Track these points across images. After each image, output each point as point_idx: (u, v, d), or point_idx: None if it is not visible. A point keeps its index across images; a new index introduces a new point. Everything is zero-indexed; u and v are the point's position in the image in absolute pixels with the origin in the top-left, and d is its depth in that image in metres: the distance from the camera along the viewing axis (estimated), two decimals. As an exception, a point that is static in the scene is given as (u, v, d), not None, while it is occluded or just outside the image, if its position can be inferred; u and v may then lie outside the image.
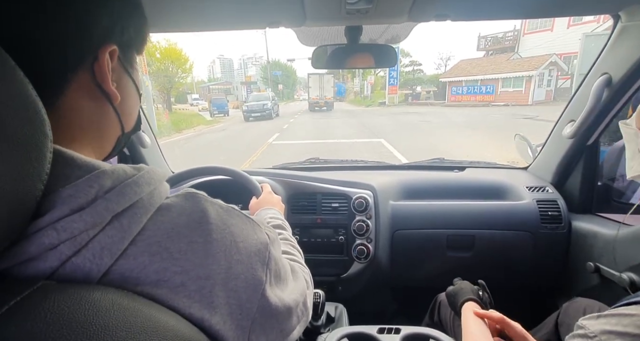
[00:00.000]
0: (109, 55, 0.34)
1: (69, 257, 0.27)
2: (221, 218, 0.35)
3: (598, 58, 1.00)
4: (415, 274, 1.27)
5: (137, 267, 0.29)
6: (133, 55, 0.39)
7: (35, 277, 0.26)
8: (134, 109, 0.41)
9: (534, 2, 0.81)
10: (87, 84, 0.33)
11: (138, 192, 0.30)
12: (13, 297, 0.23)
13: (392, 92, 25.46)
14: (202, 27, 0.91)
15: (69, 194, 0.27)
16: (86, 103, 0.34)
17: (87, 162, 0.30)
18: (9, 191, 0.23)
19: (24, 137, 0.24)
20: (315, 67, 1.02)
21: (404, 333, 0.80)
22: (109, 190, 0.29)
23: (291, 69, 63.91)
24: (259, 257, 0.37)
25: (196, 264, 0.31)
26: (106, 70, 0.33)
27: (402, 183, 1.35)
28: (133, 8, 0.37)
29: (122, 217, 0.29)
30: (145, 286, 0.29)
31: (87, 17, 0.32)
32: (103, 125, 0.36)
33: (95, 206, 0.28)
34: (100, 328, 0.24)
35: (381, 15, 0.82)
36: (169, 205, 0.33)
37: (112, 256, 0.28)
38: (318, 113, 19.79)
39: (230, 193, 0.99)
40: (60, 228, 0.26)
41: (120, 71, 0.37)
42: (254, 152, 7.51)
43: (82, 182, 0.28)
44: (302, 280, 0.49)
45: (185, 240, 0.31)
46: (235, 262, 0.34)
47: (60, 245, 0.26)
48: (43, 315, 0.23)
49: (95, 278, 0.28)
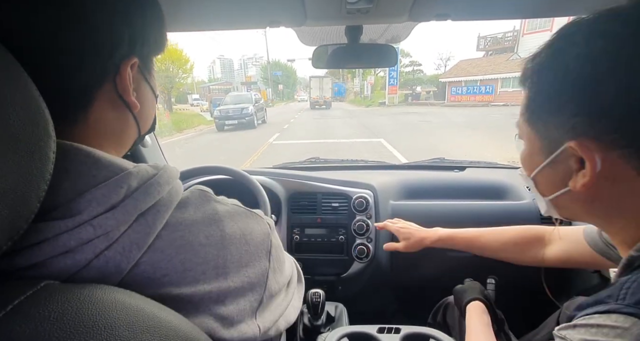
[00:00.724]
0: (130, 67, 0.36)
1: (102, 251, 0.30)
2: (230, 214, 0.39)
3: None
4: (415, 274, 1.27)
5: (165, 259, 0.32)
6: (152, 61, 0.41)
7: (71, 268, 0.29)
8: (151, 113, 0.43)
9: (534, 2, 0.81)
10: (111, 95, 0.36)
11: (160, 191, 0.34)
12: (17, 297, 0.24)
13: (392, 92, 25.50)
14: (202, 27, 0.91)
15: (102, 194, 0.31)
16: (110, 114, 0.36)
17: (112, 162, 0.33)
18: (12, 190, 0.23)
19: (27, 137, 0.24)
20: (315, 67, 1.02)
21: (404, 332, 0.80)
22: (136, 190, 0.32)
23: (291, 69, 63.98)
24: (263, 246, 0.42)
25: (214, 255, 0.35)
26: (127, 82, 0.36)
27: (402, 183, 1.35)
28: (154, 19, 0.39)
29: (147, 214, 0.32)
30: (173, 275, 0.33)
31: (109, 34, 0.34)
32: (124, 131, 0.39)
33: (125, 205, 0.31)
34: (104, 327, 0.24)
35: (382, 14, 0.82)
36: (186, 202, 0.36)
37: (139, 249, 0.31)
38: (318, 113, 19.88)
39: (231, 193, 0.98)
40: (97, 225, 0.29)
41: (140, 79, 0.39)
42: (254, 152, 7.52)
43: (113, 183, 0.31)
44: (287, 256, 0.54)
45: (203, 234, 0.35)
46: (245, 252, 0.38)
47: (95, 239, 0.30)
48: (47, 315, 0.23)
49: (125, 269, 0.31)
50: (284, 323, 0.46)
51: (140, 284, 0.31)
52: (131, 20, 0.35)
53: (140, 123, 0.40)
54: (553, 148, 0.41)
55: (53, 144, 0.27)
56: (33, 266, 0.28)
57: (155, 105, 0.44)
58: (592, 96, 0.36)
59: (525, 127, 0.45)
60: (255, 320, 0.39)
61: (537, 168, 0.45)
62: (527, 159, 0.47)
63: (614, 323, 0.33)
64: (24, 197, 0.25)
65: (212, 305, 0.35)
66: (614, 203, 0.40)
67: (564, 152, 0.39)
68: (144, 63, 0.39)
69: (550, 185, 0.45)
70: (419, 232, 0.97)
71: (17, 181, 0.24)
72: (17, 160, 0.23)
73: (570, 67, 0.36)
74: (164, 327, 0.28)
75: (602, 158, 0.36)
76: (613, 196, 0.39)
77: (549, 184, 0.45)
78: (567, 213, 0.47)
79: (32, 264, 0.28)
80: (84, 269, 0.29)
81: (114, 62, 0.34)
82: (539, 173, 0.45)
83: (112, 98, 0.36)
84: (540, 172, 0.45)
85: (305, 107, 27.97)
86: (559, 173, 0.42)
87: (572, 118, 0.37)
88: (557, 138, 0.40)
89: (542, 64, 0.40)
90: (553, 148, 0.41)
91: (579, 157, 0.38)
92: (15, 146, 0.23)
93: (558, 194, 0.44)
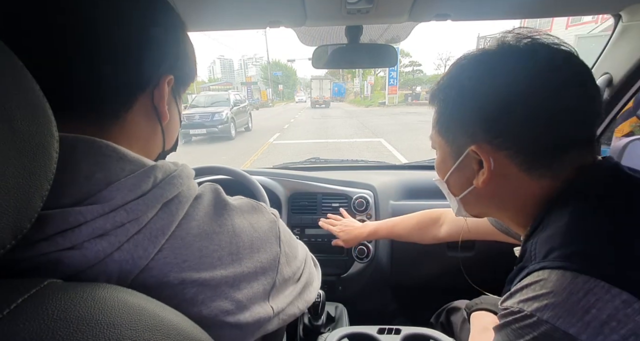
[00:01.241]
0: (167, 83, 0.40)
1: (133, 234, 0.32)
2: (238, 206, 0.43)
3: (599, 58, 1.00)
4: (416, 274, 1.27)
5: (185, 245, 0.35)
6: (182, 88, 0.46)
7: (107, 249, 0.31)
8: (175, 131, 0.48)
9: (534, 2, 0.81)
10: (148, 104, 0.40)
11: (181, 184, 0.37)
12: (20, 295, 0.24)
13: (392, 92, 25.51)
14: (202, 27, 0.91)
15: (132, 183, 0.33)
16: (143, 120, 0.40)
17: (137, 158, 0.36)
18: (15, 188, 0.23)
19: (31, 137, 0.24)
20: (315, 67, 1.02)
21: (404, 333, 0.80)
22: (162, 181, 0.35)
23: (291, 70, 64.04)
24: (272, 232, 0.44)
25: (227, 242, 0.38)
26: (164, 95, 0.40)
27: (402, 183, 1.35)
28: (191, 48, 0.45)
29: (171, 203, 0.35)
30: (192, 261, 0.35)
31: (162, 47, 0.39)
32: (152, 141, 0.43)
33: (153, 193, 0.34)
34: (106, 325, 0.24)
35: (382, 14, 0.82)
36: (201, 196, 0.39)
37: (164, 235, 0.34)
38: (318, 113, 19.96)
39: (231, 193, 0.98)
40: (130, 210, 0.32)
41: (171, 99, 0.44)
42: (255, 152, 7.52)
43: (142, 173, 0.34)
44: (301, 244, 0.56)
45: (217, 223, 0.38)
46: (256, 239, 0.41)
47: (127, 223, 0.32)
48: (50, 313, 0.23)
49: (152, 253, 0.33)
50: (303, 302, 0.49)
51: (163, 269, 0.33)
52: (178, 42, 0.41)
53: (165, 137, 0.44)
54: (459, 153, 0.49)
55: (56, 144, 0.27)
56: (71, 248, 0.30)
57: (179, 128, 0.48)
58: (481, 107, 0.45)
59: (437, 137, 0.53)
60: (268, 302, 0.42)
61: (448, 172, 0.53)
62: (440, 165, 0.56)
63: (536, 278, 0.38)
64: (27, 197, 0.25)
65: (228, 289, 0.37)
66: (507, 196, 0.49)
67: (468, 155, 0.48)
68: (177, 86, 0.43)
69: (459, 186, 0.53)
70: (355, 229, 1.08)
71: (20, 181, 0.24)
72: (21, 160, 0.24)
73: (465, 85, 0.47)
74: (166, 326, 0.28)
75: (494, 158, 0.45)
76: (506, 190, 0.48)
77: (458, 185, 0.53)
78: (474, 210, 0.56)
79: (71, 246, 0.30)
80: (116, 252, 0.31)
81: (159, 73, 0.39)
82: (450, 176, 0.53)
83: (148, 107, 0.40)
84: (451, 175, 0.53)
85: (306, 107, 29.97)
86: (465, 174, 0.50)
87: (471, 126, 0.47)
88: (462, 144, 0.48)
89: (444, 85, 0.50)
90: (459, 153, 0.49)
91: (479, 159, 0.47)
92: (19, 146, 0.23)
93: (466, 193, 0.52)
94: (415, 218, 1.01)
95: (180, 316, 0.31)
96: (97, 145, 0.34)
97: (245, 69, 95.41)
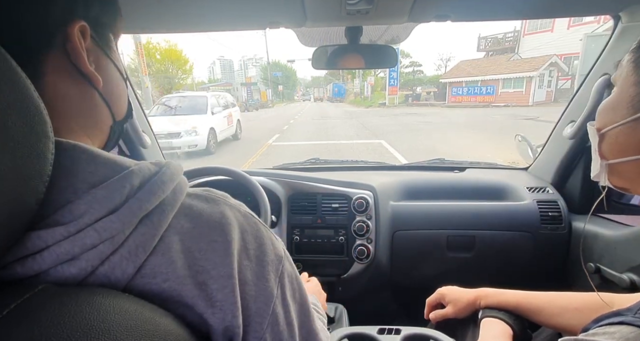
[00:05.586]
0: (80, 33, 0.32)
1: (108, 256, 0.28)
2: (238, 221, 0.35)
3: (598, 59, 1.00)
4: (416, 275, 1.27)
5: (165, 262, 0.30)
6: (108, 35, 0.37)
7: (77, 276, 0.27)
8: (122, 95, 0.39)
9: (534, 3, 0.81)
10: (65, 66, 0.32)
11: (164, 190, 0.31)
12: (14, 300, 0.23)
13: (392, 92, 25.49)
14: (202, 28, 0.92)
15: (104, 196, 0.28)
16: (69, 89, 0.33)
17: (110, 159, 0.30)
18: (9, 192, 0.23)
19: (25, 138, 0.24)
20: (315, 68, 1.02)
21: (404, 333, 0.80)
22: (139, 189, 0.30)
23: (291, 70, 63.96)
24: (272, 267, 0.36)
25: (217, 263, 0.32)
26: (79, 48, 0.32)
27: (402, 184, 1.35)
28: None
29: (152, 214, 0.30)
30: (173, 281, 0.30)
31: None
32: (93, 113, 0.36)
33: (129, 206, 0.28)
34: (101, 331, 0.24)
35: (381, 15, 0.82)
36: (190, 204, 0.33)
37: (145, 252, 0.29)
38: (318, 114, 20.03)
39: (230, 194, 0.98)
40: (100, 229, 0.27)
41: (98, 52, 0.35)
42: (254, 153, 7.51)
43: (114, 182, 0.29)
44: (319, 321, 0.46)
45: (206, 240, 0.32)
46: (244, 267, 0.34)
47: (100, 244, 0.27)
48: (44, 318, 0.23)
49: (131, 274, 0.29)
50: None
51: (145, 286, 0.30)
52: None
53: (110, 105, 0.37)
54: None
55: (51, 145, 0.27)
56: (36, 276, 0.26)
57: (126, 88, 0.40)
58: None
59: (628, 68, 0.37)
60: None
61: (614, 124, 0.37)
62: (607, 110, 0.40)
63: (619, 332, 0.31)
64: (22, 200, 0.24)
65: None
66: None
67: None
68: (98, 33, 0.35)
69: (619, 147, 0.38)
70: (467, 294, 0.79)
71: (14, 184, 0.23)
72: (15, 162, 0.23)
73: None
74: (162, 332, 0.27)
75: None
76: None
77: (619, 146, 0.38)
78: (623, 183, 0.41)
79: (35, 274, 0.26)
80: (89, 276, 0.27)
81: (53, 22, 0.31)
82: (613, 130, 0.37)
83: (67, 70, 0.32)
84: (615, 130, 0.37)
85: (306, 107, 31.43)
86: (637, 136, 0.35)
87: None
88: None
89: None
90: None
91: None
92: (13, 148, 0.23)
93: (625, 160, 0.37)
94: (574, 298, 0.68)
95: (178, 322, 0.30)
96: (62, 147, 0.29)
97: (245, 69, 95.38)
